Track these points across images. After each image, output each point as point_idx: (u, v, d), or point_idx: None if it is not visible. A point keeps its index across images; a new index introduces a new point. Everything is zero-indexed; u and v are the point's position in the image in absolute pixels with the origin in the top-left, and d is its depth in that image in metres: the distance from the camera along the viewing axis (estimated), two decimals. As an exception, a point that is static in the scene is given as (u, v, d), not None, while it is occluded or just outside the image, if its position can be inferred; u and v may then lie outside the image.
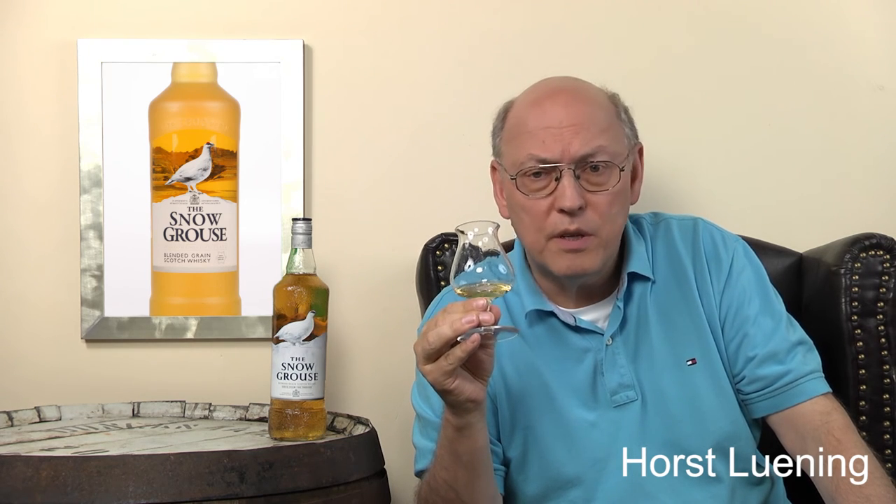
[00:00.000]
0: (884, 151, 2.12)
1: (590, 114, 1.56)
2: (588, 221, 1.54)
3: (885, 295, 1.78)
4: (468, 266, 1.38)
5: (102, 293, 2.08)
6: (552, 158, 1.54)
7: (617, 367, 1.60)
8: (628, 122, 1.62)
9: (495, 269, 1.38)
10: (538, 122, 1.56)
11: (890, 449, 1.77)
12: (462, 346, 1.35)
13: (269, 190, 2.09)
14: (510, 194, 1.60)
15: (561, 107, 1.56)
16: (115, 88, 2.08)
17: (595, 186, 1.55)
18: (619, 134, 1.59)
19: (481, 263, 1.38)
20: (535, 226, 1.56)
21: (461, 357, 1.36)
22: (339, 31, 2.12)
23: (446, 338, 1.36)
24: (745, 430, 1.61)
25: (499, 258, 1.38)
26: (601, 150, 1.54)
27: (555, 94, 1.59)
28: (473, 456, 1.49)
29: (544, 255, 1.56)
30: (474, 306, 1.35)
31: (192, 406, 2.00)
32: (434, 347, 1.37)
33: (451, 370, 1.38)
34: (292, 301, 1.72)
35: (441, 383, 1.39)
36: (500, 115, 1.65)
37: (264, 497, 1.50)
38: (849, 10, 2.13)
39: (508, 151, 1.60)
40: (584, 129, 1.54)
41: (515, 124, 1.60)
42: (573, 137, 1.53)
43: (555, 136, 1.54)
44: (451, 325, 1.35)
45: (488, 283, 1.38)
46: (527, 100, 1.61)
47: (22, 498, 1.43)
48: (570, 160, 1.53)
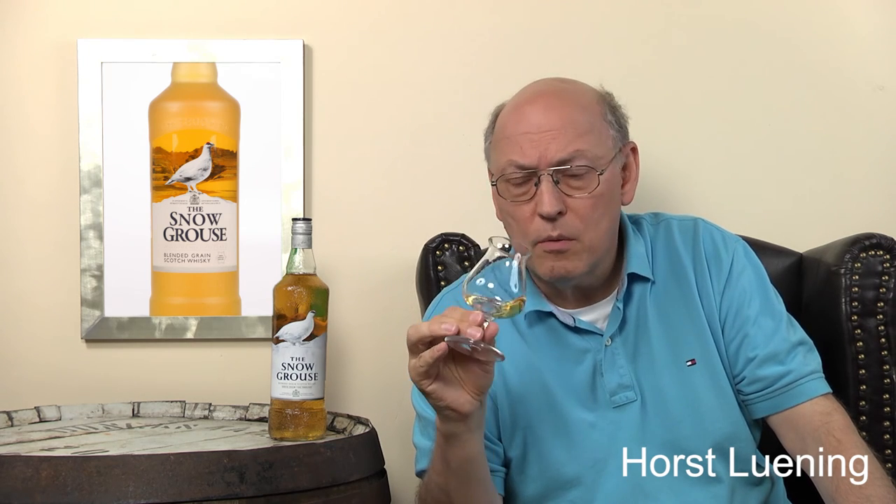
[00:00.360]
0: (884, 151, 2.12)
1: (568, 117, 1.55)
2: (569, 226, 1.53)
3: (885, 295, 1.78)
4: (482, 280, 1.37)
5: (102, 293, 2.08)
6: (530, 164, 1.53)
7: (616, 367, 1.59)
8: (616, 123, 1.60)
9: (510, 292, 1.36)
10: (517, 127, 1.56)
11: (890, 449, 1.77)
12: (430, 350, 1.35)
13: (269, 190, 2.09)
14: (497, 199, 1.60)
15: (540, 112, 1.55)
16: (115, 88, 2.08)
17: (574, 191, 1.54)
18: (602, 136, 1.57)
19: (499, 284, 1.36)
20: (520, 231, 1.56)
21: (428, 361, 1.35)
22: (339, 31, 2.12)
23: (420, 335, 1.36)
24: (745, 431, 1.60)
25: (517, 285, 1.36)
26: (579, 154, 1.53)
27: (535, 99, 1.58)
28: (463, 465, 1.48)
29: (531, 259, 1.56)
30: (469, 319, 1.34)
31: (192, 406, 2.00)
32: (410, 342, 1.38)
33: (423, 371, 1.37)
34: (292, 301, 1.72)
35: (417, 382, 1.39)
36: (490, 120, 1.65)
37: (264, 497, 1.50)
38: (849, 10, 2.13)
39: (493, 157, 1.61)
40: (562, 134, 1.53)
41: (500, 129, 1.60)
42: (550, 142, 1.53)
43: (532, 142, 1.54)
44: (429, 324, 1.35)
45: (494, 303, 1.36)
46: (511, 104, 1.61)
47: (22, 498, 1.43)
48: (546, 165, 1.53)
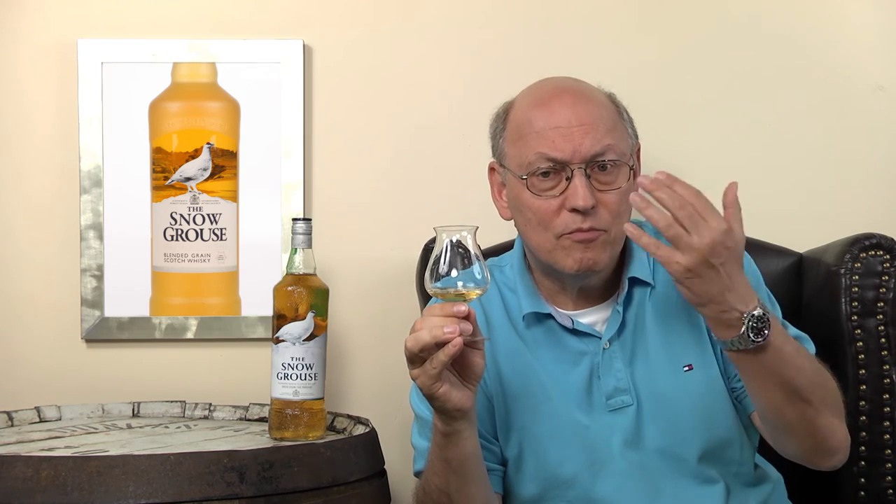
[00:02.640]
0: (884, 151, 2.12)
1: (597, 113, 1.56)
2: (599, 220, 1.54)
3: (885, 295, 1.78)
4: (443, 268, 1.38)
5: (102, 293, 2.08)
6: (563, 158, 1.53)
7: (613, 371, 1.59)
8: (630, 122, 1.63)
9: (470, 273, 1.38)
10: (546, 122, 1.55)
11: (890, 449, 1.77)
12: (445, 350, 1.35)
13: (269, 190, 2.09)
14: (516, 195, 1.59)
15: (568, 107, 1.56)
16: (115, 88, 2.08)
17: (605, 185, 1.55)
18: (623, 133, 1.59)
19: (457, 266, 1.38)
20: (543, 225, 1.56)
21: (444, 361, 1.36)
22: (339, 31, 2.12)
23: (423, 343, 1.36)
24: (742, 435, 1.60)
25: (475, 262, 1.39)
26: (610, 148, 1.55)
27: (560, 94, 1.58)
28: (463, 462, 1.49)
29: (553, 253, 1.56)
30: (454, 311, 1.35)
31: (192, 406, 2.00)
32: (412, 352, 1.37)
33: (436, 374, 1.37)
34: (292, 301, 1.72)
35: (428, 388, 1.39)
36: (499, 117, 1.65)
37: (264, 497, 1.50)
38: (849, 10, 2.13)
39: (514, 152, 1.60)
40: (594, 129, 1.54)
41: (520, 125, 1.59)
42: (583, 137, 1.53)
43: (564, 136, 1.54)
44: (429, 330, 1.35)
45: (462, 287, 1.38)
46: (530, 100, 1.61)
47: (22, 498, 1.43)
48: (580, 160, 1.53)
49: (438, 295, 1.39)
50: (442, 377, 1.38)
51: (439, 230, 1.40)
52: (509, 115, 1.62)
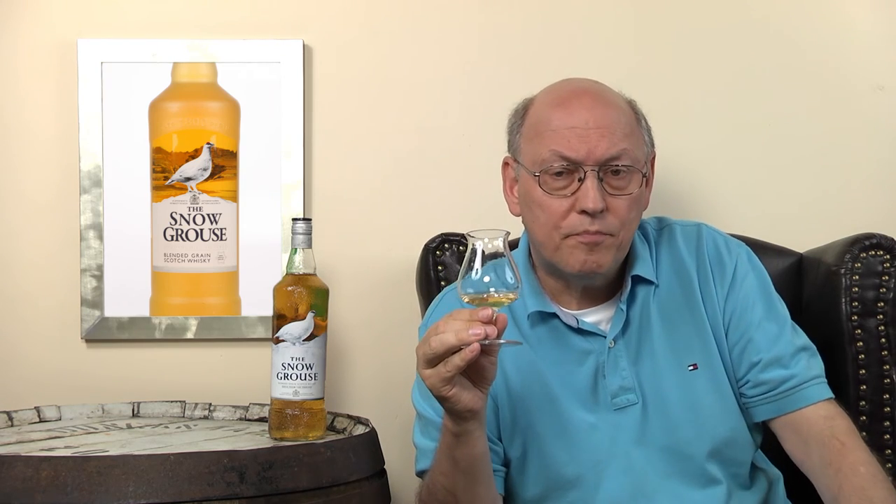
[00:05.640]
0: (884, 151, 2.12)
1: (615, 117, 1.56)
2: (608, 224, 1.54)
3: (885, 295, 1.78)
4: (475, 273, 1.38)
5: (102, 293, 2.08)
6: (577, 158, 1.53)
7: (619, 369, 1.59)
8: (647, 130, 1.62)
9: (503, 277, 1.37)
10: (563, 121, 1.55)
11: (890, 449, 1.77)
12: (461, 355, 1.34)
13: (269, 190, 2.09)
14: (527, 191, 1.59)
15: (587, 108, 1.56)
16: (114, 88, 2.08)
17: (616, 190, 1.55)
18: (640, 140, 1.59)
19: (489, 272, 1.37)
20: (551, 224, 1.56)
21: (459, 365, 1.35)
22: (339, 31, 2.12)
23: (449, 345, 1.35)
24: (746, 435, 1.61)
25: (507, 267, 1.38)
26: (625, 153, 1.54)
27: (580, 95, 1.58)
28: (472, 462, 1.48)
29: (558, 253, 1.56)
30: (480, 316, 1.34)
31: (192, 406, 2.00)
32: (436, 353, 1.36)
33: (449, 377, 1.37)
34: (292, 301, 1.72)
35: (439, 389, 1.38)
36: (518, 112, 1.64)
37: (264, 497, 1.50)
38: (849, 10, 2.13)
39: (529, 149, 1.59)
40: (610, 133, 1.54)
41: (538, 122, 1.59)
42: (599, 139, 1.53)
43: (580, 137, 1.54)
44: (455, 333, 1.34)
45: (495, 292, 1.37)
46: (550, 99, 1.61)
47: (22, 498, 1.43)
48: (594, 162, 1.53)
49: (473, 301, 1.38)
50: (454, 380, 1.38)
51: (470, 236, 1.39)
52: (528, 112, 1.62)
